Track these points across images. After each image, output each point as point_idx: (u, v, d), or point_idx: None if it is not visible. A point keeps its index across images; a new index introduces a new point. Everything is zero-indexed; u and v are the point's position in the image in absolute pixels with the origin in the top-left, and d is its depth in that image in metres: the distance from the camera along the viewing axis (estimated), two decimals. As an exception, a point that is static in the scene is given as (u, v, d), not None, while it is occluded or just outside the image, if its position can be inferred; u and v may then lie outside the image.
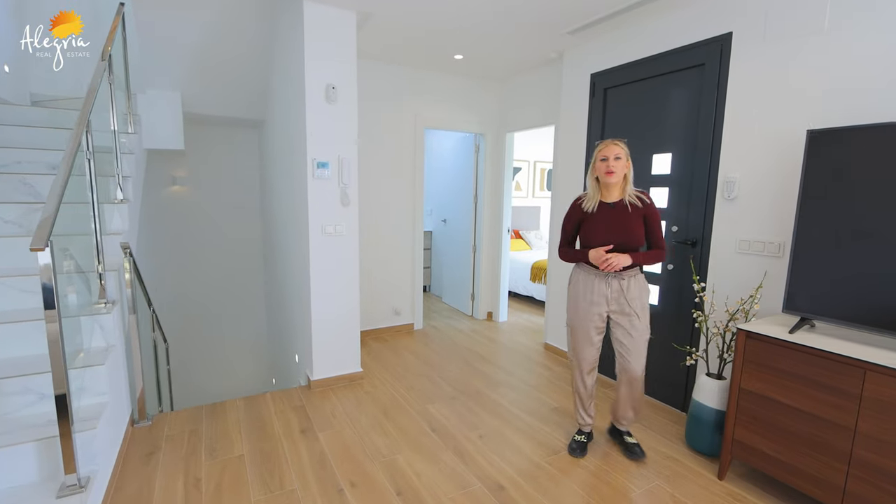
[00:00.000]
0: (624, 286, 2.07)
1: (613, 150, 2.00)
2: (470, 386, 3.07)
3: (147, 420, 2.50)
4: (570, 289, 2.22)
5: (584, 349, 2.19)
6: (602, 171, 2.02)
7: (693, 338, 2.64)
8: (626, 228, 2.03)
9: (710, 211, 2.53)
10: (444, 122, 4.25)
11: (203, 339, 5.00)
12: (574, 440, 2.32)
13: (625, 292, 2.07)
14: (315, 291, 2.88)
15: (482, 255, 4.66)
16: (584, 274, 2.15)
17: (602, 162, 2.02)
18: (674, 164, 2.73)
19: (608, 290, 2.08)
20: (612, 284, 2.08)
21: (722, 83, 2.43)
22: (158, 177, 4.54)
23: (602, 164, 2.02)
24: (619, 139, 2.05)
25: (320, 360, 2.97)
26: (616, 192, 2.07)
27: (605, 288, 2.09)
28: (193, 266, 4.85)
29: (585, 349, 2.19)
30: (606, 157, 2.00)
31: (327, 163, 2.79)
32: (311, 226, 2.81)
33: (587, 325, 2.15)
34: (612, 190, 2.07)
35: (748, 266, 2.36)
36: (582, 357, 2.21)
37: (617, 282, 2.07)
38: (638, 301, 2.08)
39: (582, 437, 2.32)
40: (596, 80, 3.21)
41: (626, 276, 2.07)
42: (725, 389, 2.23)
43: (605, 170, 2.01)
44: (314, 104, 2.72)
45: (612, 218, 2.06)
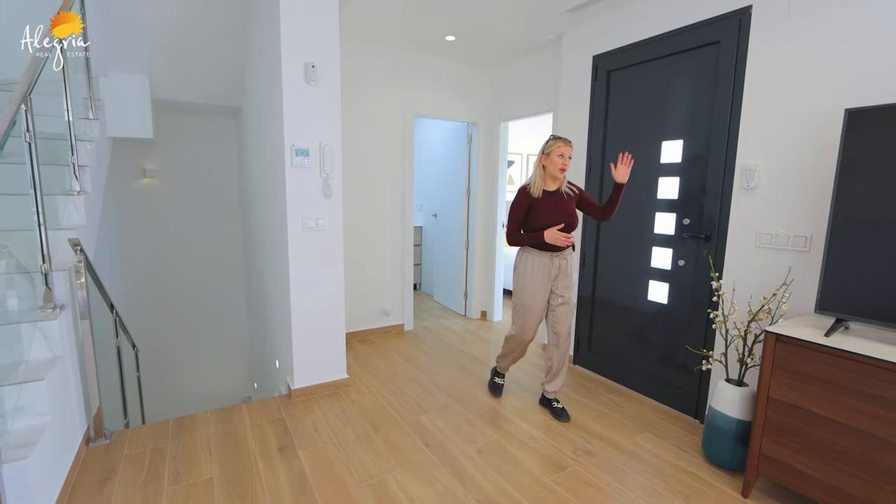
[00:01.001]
0: (564, 264, 2.42)
1: (569, 149, 2.33)
2: (465, 392, 2.85)
3: (105, 438, 2.22)
4: (519, 271, 2.47)
5: (533, 323, 2.48)
6: (558, 165, 2.31)
7: (707, 339, 2.45)
8: (567, 212, 2.36)
9: (726, 202, 2.33)
10: (435, 111, 4.00)
11: (180, 343, 4.69)
12: (495, 382, 2.81)
13: (565, 269, 2.42)
14: (295, 292, 2.62)
15: (475, 251, 4.42)
16: (532, 257, 2.42)
17: (560, 158, 2.31)
18: (685, 151, 2.53)
19: (553, 268, 2.41)
20: (556, 263, 2.40)
21: (740, 62, 2.23)
22: (127, 168, 4.22)
23: (559, 160, 2.31)
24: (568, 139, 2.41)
25: (302, 366, 2.71)
26: (558, 183, 2.39)
27: (552, 268, 2.41)
28: (168, 265, 4.54)
29: (533, 323, 2.48)
30: (564, 154, 2.31)
31: (307, 150, 2.52)
32: (290, 219, 2.55)
33: (539, 302, 2.44)
34: (556, 181, 2.38)
35: (769, 262, 2.17)
36: (529, 328, 2.49)
37: (558, 260, 2.40)
38: (572, 276, 2.48)
39: (501, 379, 2.81)
40: (598, 62, 2.98)
41: (566, 255, 2.42)
42: (748, 398, 2.03)
43: (560, 165, 2.31)
44: (292, 85, 2.46)
45: (556, 203, 2.36)
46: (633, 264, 2.85)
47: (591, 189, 3.08)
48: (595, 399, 2.78)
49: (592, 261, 3.12)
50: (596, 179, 3.05)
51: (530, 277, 2.41)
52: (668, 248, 2.63)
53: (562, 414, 2.53)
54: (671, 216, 2.61)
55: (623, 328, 2.95)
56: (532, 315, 2.45)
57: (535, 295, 2.42)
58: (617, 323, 2.99)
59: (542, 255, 2.39)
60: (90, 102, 3.04)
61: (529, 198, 2.36)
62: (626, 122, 2.85)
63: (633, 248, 2.85)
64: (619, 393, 2.88)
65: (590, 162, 3.09)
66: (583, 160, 3.13)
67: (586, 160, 3.11)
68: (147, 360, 4.38)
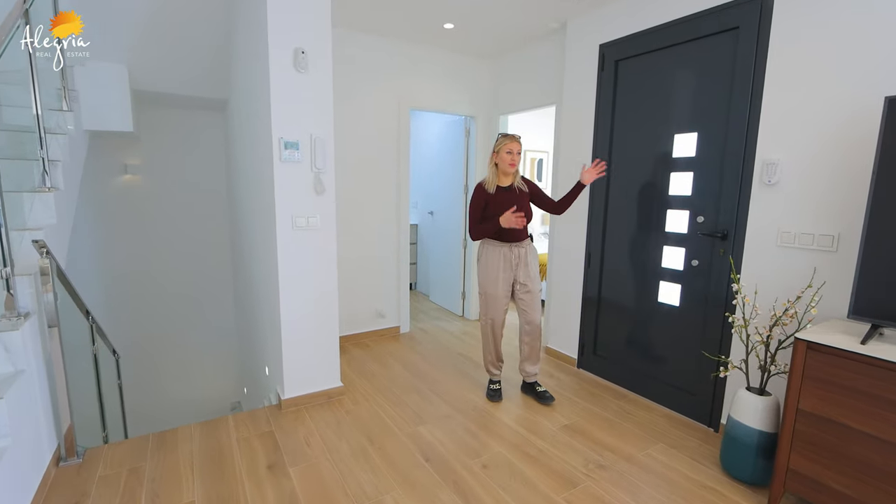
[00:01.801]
0: (523, 254, 2.52)
1: (517, 145, 2.44)
2: (466, 400, 2.70)
3: (77, 457, 2.04)
4: (482, 263, 2.58)
5: (500, 311, 2.57)
6: (507, 161, 2.43)
7: (723, 344, 2.31)
8: (522, 206, 2.45)
9: (744, 198, 2.19)
10: (432, 103, 3.83)
11: (166, 348, 4.49)
12: (491, 389, 2.72)
13: (524, 258, 2.53)
14: (285, 296, 2.45)
15: (473, 250, 4.26)
16: (493, 248, 2.53)
17: (508, 154, 2.43)
18: (700, 145, 2.38)
19: (513, 258, 2.51)
20: (515, 252, 2.51)
21: (761, 49, 2.08)
22: (106, 164, 4.01)
23: (508, 157, 2.44)
24: (516, 134, 2.48)
25: (293, 375, 2.54)
26: (510, 178, 2.51)
27: (512, 257, 2.51)
28: (153, 266, 4.33)
29: (500, 311, 2.58)
30: (511, 150, 2.43)
31: (297, 143, 2.35)
32: (279, 218, 2.37)
33: (503, 291, 2.53)
34: (508, 177, 2.50)
35: (792, 262, 2.03)
36: (497, 316, 2.58)
37: (518, 250, 2.51)
38: (533, 265, 2.57)
39: (496, 385, 2.73)
40: (605, 51, 2.83)
41: (525, 245, 2.54)
42: (772, 408, 1.90)
43: (509, 161, 2.43)
44: (280, 72, 2.28)
45: (510, 198, 2.47)
46: (643, 264, 2.71)
47: (598, 186, 2.94)
48: (603, 406, 2.65)
49: (598, 260, 2.98)
50: (602, 179, 2.90)
51: (492, 267, 2.52)
52: (681, 248, 2.50)
53: (545, 396, 2.65)
54: (684, 213, 2.47)
55: (631, 331, 2.82)
56: (496, 303, 2.55)
57: (497, 284, 2.52)
58: (624, 326, 2.86)
59: (502, 245, 2.50)
60: (64, 93, 2.84)
61: (485, 193, 2.49)
62: (635, 115, 2.71)
63: (642, 247, 2.71)
64: (628, 399, 2.74)
65: (595, 157, 2.94)
66: (588, 155, 2.98)
67: (592, 155, 2.96)
68: (131, 366, 4.18)
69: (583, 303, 3.11)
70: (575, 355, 3.20)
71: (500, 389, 2.72)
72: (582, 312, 3.12)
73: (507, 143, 2.43)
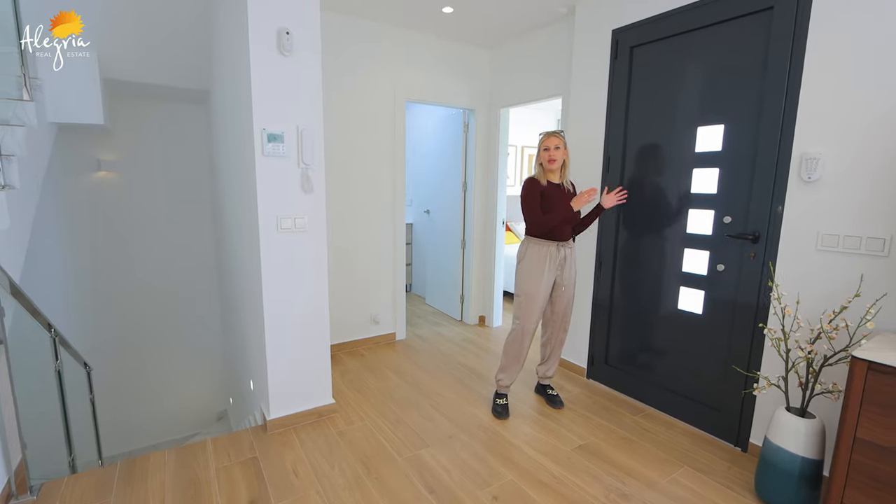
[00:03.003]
0: (569, 254, 2.41)
1: (553, 141, 2.31)
2: (470, 417, 2.47)
3: (30, 494, 1.79)
4: (525, 262, 2.42)
5: (535, 315, 2.41)
6: (545, 159, 2.34)
7: (752, 357, 2.11)
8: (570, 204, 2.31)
9: (779, 197, 1.98)
10: (430, 95, 3.59)
11: (147, 355, 4.21)
12: (498, 405, 2.55)
13: (570, 259, 2.42)
14: (269, 305, 2.20)
15: (473, 251, 4.04)
16: (538, 246, 2.39)
17: (545, 151, 2.33)
18: (727, 138, 2.17)
19: (560, 258, 2.39)
20: (562, 253, 2.39)
21: (800, 30, 1.87)
22: (78, 160, 3.71)
23: (545, 154, 2.34)
24: (558, 131, 2.37)
25: (279, 393, 2.30)
26: (556, 176, 2.39)
27: (559, 257, 2.39)
28: (131, 269, 4.04)
29: (536, 314, 2.41)
30: (548, 147, 2.32)
31: (282, 134, 2.10)
32: (262, 219, 2.12)
33: (545, 292, 2.40)
34: (554, 174, 2.38)
35: (835, 268, 1.83)
36: (533, 320, 2.41)
37: (564, 250, 2.39)
38: (574, 267, 2.47)
39: (503, 399, 2.56)
40: (619, 37, 2.61)
41: (570, 245, 2.43)
42: (816, 432, 1.70)
43: (547, 158, 2.33)
44: (262, 55, 2.02)
45: (560, 194, 2.36)
46: (661, 268, 2.50)
47: (611, 183, 2.72)
48: (619, 422, 2.44)
49: (610, 263, 2.77)
50: (616, 174, 2.69)
51: (537, 267, 2.37)
52: (705, 251, 2.29)
53: (556, 401, 2.61)
54: (708, 213, 2.26)
55: (647, 340, 2.61)
56: (535, 305, 2.39)
57: (540, 284, 2.37)
58: (640, 334, 2.65)
59: (549, 244, 2.37)
60: (24, 80, 2.55)
61: (539, 185, 2.37)
62: (652, 107, 2.49)
63: (661, 250, 2.50)
64: (645, 414, 2.54)
65: (608, 153, 2.72)
66: (600, 152, 2.76)
67: (604, 152, 2.74)
68: (109, 378, 3.92)
69: (593, 309, 2.90)
70: (584, 365, 2.99)
71: (507, 405, 2.54)
72: (592, 319, 2.91)
73: (544, 139, 2.35)
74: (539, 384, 2.74)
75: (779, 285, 1.84)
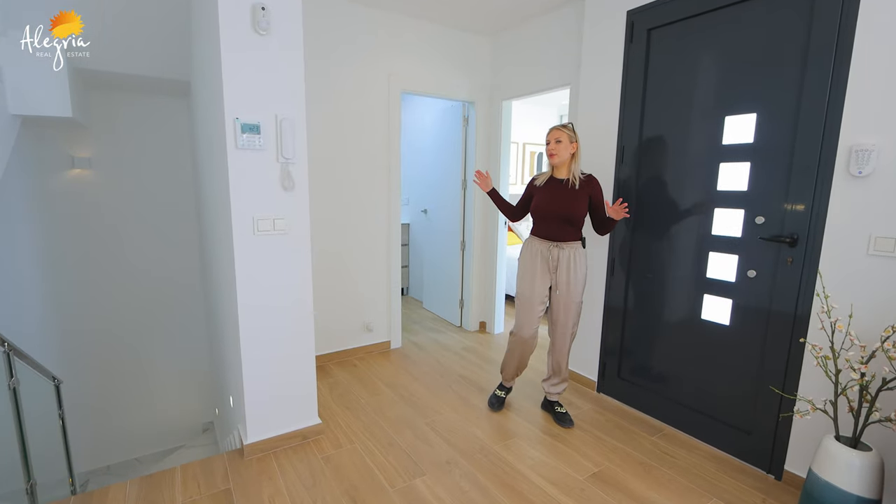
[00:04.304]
0: (565, 256, 2.23)
1: (555, 134, 2.19)
2: (470, 439, 2.23)
3: (-38, 538, 1.54)
4: (519, 261, 2.36)
5: (531, 319, 2.30)
6: (547, 152, 2.23)
7: (789, 374, 1.87)
8: (568, 202, 2.19)
9: (822, 194, 1.75)
10: (427, 86, 3.35)
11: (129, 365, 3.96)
12: (495, 395, 2.54)
13: (567, 262, 2.23)
14: (245, 316, 1.96)
15: (473, 253, 3.80)
16: (531, 244, 2.32)
17: (547, 146, 2.23)
18: (760, 128, 1.94)
19: (551, 259, 2.25)
20: (554, 254, 2.24)
21: (850, 4, 1.64)
22: (49, 157, 3.46)
23: (547, 147, 2.23)
24: (566, 124, 2.22)
25: (257, 414, 2.06)
26: (563, 170, 2.25)
27: (550, 258, 2.25)
28: (109, 273, 3.79)
29: (532, 319, 2.30)
30: (549, 140, 2.22)
31: (258, 125, 1.86)
32: (236, 220, 1.88)
33: (538, 294, 2.28)
34: (559, 168, 2.25)
35: (890, 275, 1.59)
36: (528, 324, 2.30)
37: (557, 251, 2.23)
38: (576, 272, 2.23)
39: (502, 392, 2.53)
40: (635, 18, 2.37)
41: (568, 246, 2.23)
42: (873, 466, 1.46)
43: (549, 151, 2.22)
44: (234, 33, 1.78)
45: (557, 190, 2.24)
46: (681, 273, 2.27)
47: (626, 181, 2.49)
48: (636, 444, 2.20)
49: (624, 267, 2.53)
50: (631, 165, 2.45)
51: (528, 265, 2.31)
52: (733, 255, 2.05)
53: (565, 419, 2.39)
54: (737, 213, 2.02)
55: (665, 352, 2.38)
56: (529, 307, 2.29)
57: (532, 285, 2.27)
58: (657, 345, 2.41)
59: (541, 242, 2.28)
60: (-22, 67, 2.32)
61: (531, 186, 2.36)
62: (672, 94, 2.25)
63: (682, 253, 2.26)
64: (663, 434, 2.30)
65: (622, 143, 2.49)
66: (613, 142, 2.52)
67: (617, 141, 2.51)
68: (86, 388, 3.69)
69: (604, 317, 2.66)
70: (594, 377, 2.75)
71: (504, 399, 2.55)
72: (603, 328, 2.67)
73: (549, 132, 2.24)
74: (546, 400, 2.52)
75: (829, 297, 1.60)
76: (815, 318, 1.76)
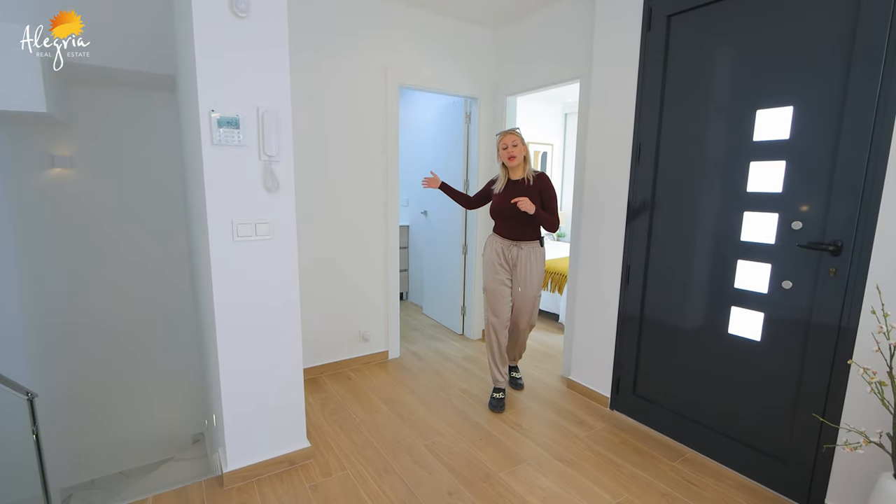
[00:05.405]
0: (523, 256, 2.43)
1: (511, 138, 2.37)
2: (474, 464, 2.04)
3: None
4: (485, 255, 2.55)
5: (502, 307, 2.48)
6: (505, 157, 2.39)
7: (831, 398, 1.67)
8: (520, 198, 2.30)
9: (872, 197, 1.55)
10: (426, 81, 3.15)
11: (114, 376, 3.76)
12: (494, 398, 2.57)
13: (524, 260, 2.43)
14: (224, 331, 1.76)
15: (475, 256, 3.60)
16: (491, 241, 2.53)
17: (504, 150, 2.39)
18: (797, 123, 1.74)
19: (508, 255, 2.46)
20: (512, 252, 2.45)
21: (906, -21, 1.44)
22: (26, 155, 3.26)
23: (504, 152, 2.40)
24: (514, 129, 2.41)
25: (238, 442, 1.86)
26: (519, 171, 2.43)
27: (508, 256, 2.46)
28: (93, 278, 3.60)
29: (503, 307, 2.48)
30: (506, 145, 2.38)
31: (236, 119, 1.66)
32: (213, 224, 1.68)
33: (501, 287, 2.47)
34: (515, 170, 2.44)
35: (955, 289, 1.39)
36: (500, 313, 2.49)
37: (515, 250, 2.44)
38: (532, 270, 2.45)
39: (500, 393, 2.58)
40: (653, 5, 2.17)
41: (525, 245, 2.44)
42: (945, 512, 1.26)
43: (507, 156, 2.38)
44: (207, 14, 1.58)
45: (516, 191, 2.39)
46: (705, 283, 2.07)
47: (643, 179, 2.29)
48: (656, 471, 2.00)
49: (640, 275, 2.33)
50: (648, 165, 2.25)
51: (488, 261, 2.51)
52: (765, 263, 1.85)
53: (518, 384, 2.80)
54: (771, 217, 1.82)
55: (687, 368, 2.17)
56: (494, 299, 2.50)
57: (494, 279, 2.48)
58: (677, 360, 2.21)
59: (501, 241, 2.48)
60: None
61: (489, 189, 2.56)
62: (694, 86, 2.05)
63: (706, 261, 2.06)
64: (686, 459, 2.10)
65: (638, 139, 2.29)
66: (628, 137, 2.33)
67: (633, 138, 2.31)
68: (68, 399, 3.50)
69: (618, 329, 2.46)
70: (607, 393, 2.55)
71: (503, 399, 2.58)
72: (617, 341, 2.47)
73: (501, 138, 2.41)
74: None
75: (888, 315, 1.40)
76: (864, 337, 1.56)
